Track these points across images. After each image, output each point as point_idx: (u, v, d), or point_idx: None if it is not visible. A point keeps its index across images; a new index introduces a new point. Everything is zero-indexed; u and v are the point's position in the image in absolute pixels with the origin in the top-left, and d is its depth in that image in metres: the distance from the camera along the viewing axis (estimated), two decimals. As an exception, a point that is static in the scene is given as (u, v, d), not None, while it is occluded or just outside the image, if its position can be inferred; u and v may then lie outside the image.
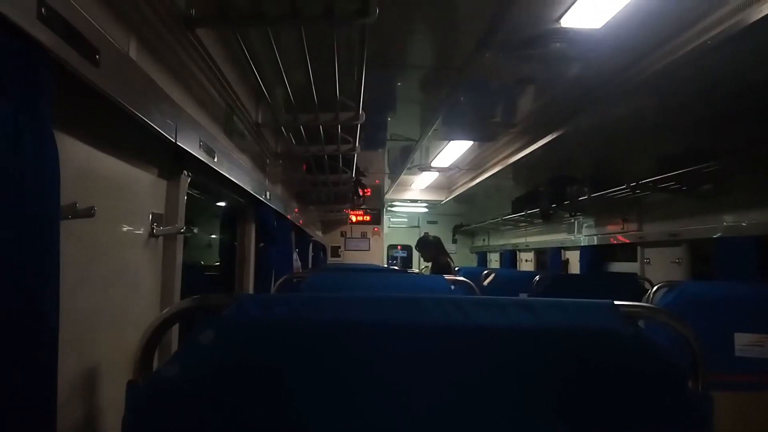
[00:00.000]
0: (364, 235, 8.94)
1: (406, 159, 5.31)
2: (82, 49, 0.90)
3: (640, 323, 1.57)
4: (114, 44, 1.06)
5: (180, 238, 1.67)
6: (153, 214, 1.54)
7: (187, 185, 1.72)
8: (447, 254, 5.12)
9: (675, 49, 2.27)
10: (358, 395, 0.81)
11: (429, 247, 5.21)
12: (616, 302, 0.88)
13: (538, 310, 0.86)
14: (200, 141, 1.65)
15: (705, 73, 2.34)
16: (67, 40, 0.85)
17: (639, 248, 4.73)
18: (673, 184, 3.63)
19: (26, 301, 0.79)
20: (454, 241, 10.99)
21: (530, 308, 0.86)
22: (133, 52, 1.30)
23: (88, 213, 1.01)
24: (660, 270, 4.36)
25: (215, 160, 1.83)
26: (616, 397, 0.82)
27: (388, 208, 9.71)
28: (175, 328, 1.59)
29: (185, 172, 1.70)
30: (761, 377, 2.08)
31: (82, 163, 1.15)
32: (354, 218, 8.76)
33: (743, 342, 2.12)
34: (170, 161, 1.62)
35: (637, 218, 4.81)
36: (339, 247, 8.90)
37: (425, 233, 5.62)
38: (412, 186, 7.99)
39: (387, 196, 8.49)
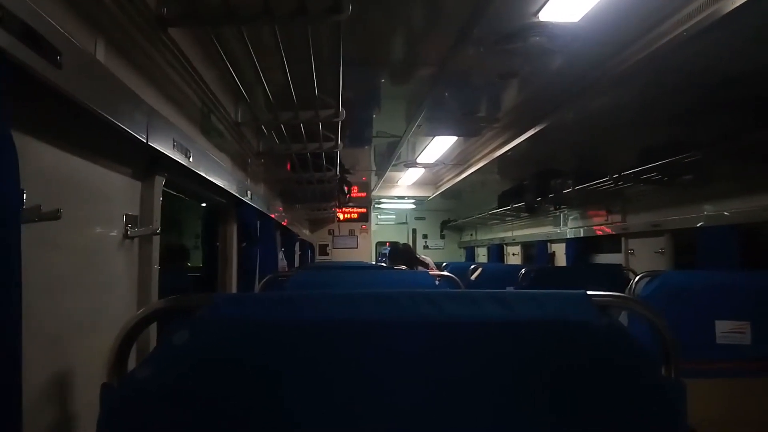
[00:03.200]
0: (351, 233, 8.95)
1: (392, 155, 5.31)
2: (42, 50, 0.89)
3: (623, 315, 1.59)
4: (78, 45, 1.04)
5: (156, 239, 1.66)
6: (127, 215, 1.52)
7: (162, 186, 1.71)
8: (417, 260, 5.03)
9: (653, 41, 2.29)
10: (332, 392, 0.80)
11: (400, 255, 5.17)
12: (589, 293, 0.88)
13: (512, 303, 0.86)
14: (174, 141, 1.63)
15: (683, 64, 2.36)
16: (25, 42, 0.84)
17: (623, 239, 4.77)
18: (654, 175, 3.66)
19: None
20: (442, 237, 11.03)
21: (503, 301, 0.87)
22: (100, 53, 1.29)
23: (55, 215, 0.99)
24: (644, 260, 4.40)
25: (191, 160, 1.81)
26: (589, 387, 0.83)
27: (376, 205, 9.72)
28: (154, 331, 1.58)
29: (160, 172, 1.69)
30: (742, 364, 2.10)
31: (49, 165, 1.13)
32: (341, 216, 8.75)
33: (724, 329, 2.14)
34: (144, 162, 1.61)
35: (620, 210, 4.86)
36: (327, 245, 8.91)
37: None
38: (399, 182, 8.01)
39: (374, 193, 8.49)
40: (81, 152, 1.25)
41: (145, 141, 1.39)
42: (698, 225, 3.61)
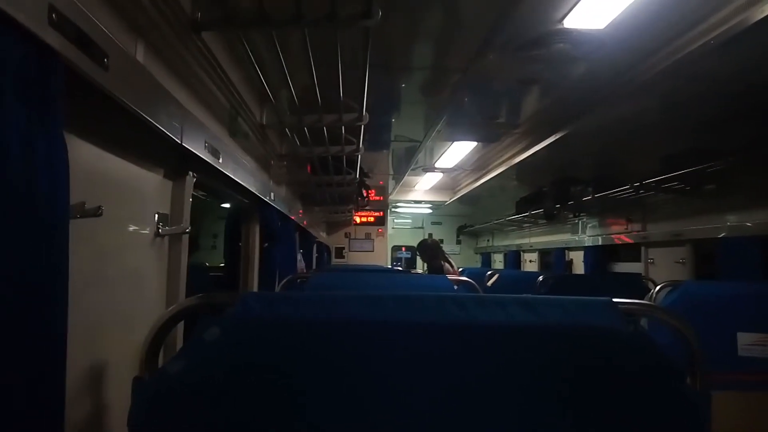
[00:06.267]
0: (368, 236, 8.96)
1: (410, 160, 5.32)
2: (92, 53, 0.92)
3: (644, 323, 1.58)
4: (122, 48, 1.08)
5: (185, 237, 1.69)
6: (159, 214, 1.56)
7: (192, 186, 1.74)
8: (444, 258, 5.08)
9: (678, 49, 2.27)
10: (361, 392, 0.81)
11: (426, 250, 5.24)
12: (615, 300, 0.89)
13: (538, 308, 0.87)
14: (205, 142, 1.67)
15: (708, 73, 2.35)
16: (77, 45, 0.87)
17: (643, 248, 4.72)
18: (676, 184, 3.63)
19: (36, 299, 0.80)
20: (458, 242, 10.99)
21: (530, 306, 0.87)
22: (140, 56, 1.33)
23: (96, 212, 1.03)
24: (664, 270, 4.35)
25: (220, 161, 1.84)
26: (614, 394, 0.83)
27: (393, 209, 9.73)
28: (181, 327, 1.61)
29: (191, 172, 1.72)
30: (764, 377, 2.08)
31: (91, 164, 1.17)
32: (358, 219, 8.77)
33: (746, 341, 2.12)
34: (176, 162, 1.64)
35: (640, 218, 4.81)
36: (343, 248, 8.92)
37: (427, 236, 5.61)
38: (416, 187, 8.01)
39: (391, 197, 8.51)
40: (119, 151, 1.29)
41: (179, 142, 1.42)
42: (720, 235, 3.57)
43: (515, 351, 0.84)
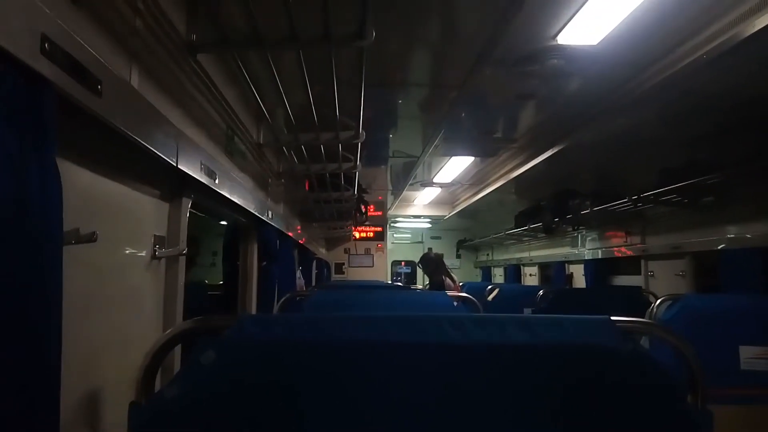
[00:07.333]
0: (367, 252, 8.94)
1: (409, 175, 5.34)
2: (85, 80, 0.92)
3: (644, 341, 1.57)
4: (115, 74, 1.08)
5: (182, 259, 1.69)
6: (155, 236, 1.56)
7: (188, 207, 1.74)
8: (445, 272, 5.09)
9: (671, 64, 2.29)
10: (359, 414, 0.81)
11: (429, 264, 5.25)
12: (612, 318, 0.88)
13: (535, 327, 0.87)
14: (201, 164, 1.67)
15: (702, 86, 2.36)
16: (69, 73, 0.88)
17: (642, 261, 4.71)
18: (674, 197, 3.63)
19: (29, 326, 0.80)
20: (458, 256, 10.96)
21: (527, 325, 0.87)
22: (134, 80, 1.33)
23: (91, 238, 1.02)
24: (664, 283, 4.34)
25: (216, 182, 1.85)
26: (613, 413, 0.82)
27: (392, 225, 9.73)
28: (178, 350, 1.60)
29: (187, 194, 1.72)
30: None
31: (86, 188, 1.17)
32: (357, 235, 8.77)
33: (749, 355, 2.10)
34: (172, 184, 1.64)
35: (640, 231, 4.80)
36: (343, 264, 8.90)
37: (428, 249, 5.60)
38: (415, 202, 8.03)
39: (390, 212, 8.51)
40: (114, 175, 1.29)
41: (175, 164, 1.43)
42: (720, 247, 3.56)
43: (513, 371, 0.83)
